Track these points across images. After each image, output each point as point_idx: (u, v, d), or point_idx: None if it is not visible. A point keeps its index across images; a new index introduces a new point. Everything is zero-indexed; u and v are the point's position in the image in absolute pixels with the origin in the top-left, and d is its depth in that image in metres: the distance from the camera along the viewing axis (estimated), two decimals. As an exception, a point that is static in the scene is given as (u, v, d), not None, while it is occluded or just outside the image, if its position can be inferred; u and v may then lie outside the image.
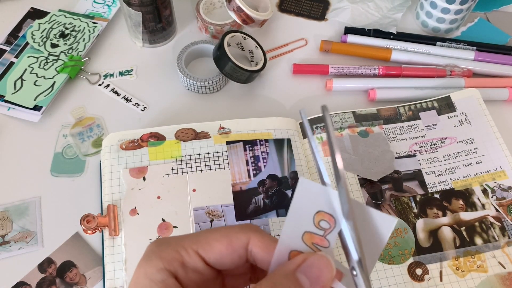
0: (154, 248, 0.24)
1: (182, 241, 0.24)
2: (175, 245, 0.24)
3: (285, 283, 0.22)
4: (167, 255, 0.23)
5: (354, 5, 0.61)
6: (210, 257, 0.24)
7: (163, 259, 0.23)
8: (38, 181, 0.47)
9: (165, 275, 0.23)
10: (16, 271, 0.42)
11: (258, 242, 0.24)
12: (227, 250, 0.24)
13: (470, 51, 0.56)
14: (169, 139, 0.47)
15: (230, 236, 0.25)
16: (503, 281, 0.41)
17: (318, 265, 0.23)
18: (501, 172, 0.47)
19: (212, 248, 0.24)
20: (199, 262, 0.24)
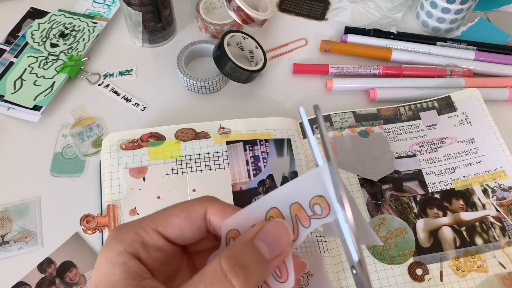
0: (114, 233, 0.24)
1: (140, 222, 0.24)
2: (133, 227, 0.24)
3: (244, 252, 0.22)
4: (126, 237, 0.24)
5: (354, 4, 0.61)
6: (170, 233, 0.24)
7: (123, 242, 0.23)
8: (37, 181, 0.47)
9: (126, 257, 0.23)
10: (16, 271, 0.42)
11: (215, 210, 0.25)
12: (186, 223, 0.24)
13: (470, 51, 0.56)
14: (169, 139, 0.47)
15: (187, 209, 0.25)
16: (504, 281, 0.41)
17: (275, 231, 0.23)
18: (502, 172, 0.47)
19: (171, 223, 0.24)
20: (159, 239, 0.24)
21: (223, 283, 0.21)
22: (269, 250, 0.23)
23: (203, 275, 0.22)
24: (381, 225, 0.43)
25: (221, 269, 0.21)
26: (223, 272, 0.21)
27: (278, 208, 0.24)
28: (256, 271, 0.22)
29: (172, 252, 0.25)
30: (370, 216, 0.44)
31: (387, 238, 0.43)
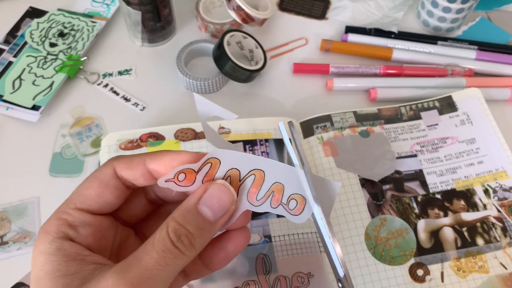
0: (40, 229, 0.24)
1: (59, 208, 0.25)
2: (54, 215, 0.25)
3: (188, 218, 0.23)
4: (51, 226, 0.24)
5: (355, 4, 0.61)
6: (91, 204, 0.25)
7: (50, 231, 0.24)
8: (36, 181, 0.47)
9: (58, 243, 0.23)
10: (15, 272, 0.42)
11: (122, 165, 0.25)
12: (100, 189, 0.25)
13: (471, 51, 0.56)
14: (168, 139, 0.47)
15: (96, 176, 0.25)
16: (505, 281, 0.41)
17: (217, 194, 0.24)
18: (503, 172, 0.46)
19: (87, 196, 0.25)
20: (83, 215, 0.25)
21: (173, 251, 0.23)
22: (212, 213, 0.24)
23: (154, 244, 0.23)
24: (382, 226, 0.43)
25: (169, 239, 0.23)
26: (171, 242, 0.23)
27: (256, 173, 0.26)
28: (201, 235, 0.24)
29: (103, 224, 0.25)
30: (371, 217, 0.44)
31: (388, 238, 0.43)
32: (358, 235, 0.43)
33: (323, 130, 0.49)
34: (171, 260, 0.22)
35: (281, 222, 0.43)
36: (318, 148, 0.47)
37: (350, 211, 0.44)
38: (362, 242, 0.42)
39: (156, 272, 0.22)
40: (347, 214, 0.44)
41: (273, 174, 0.26)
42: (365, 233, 0.43)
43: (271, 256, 0.41)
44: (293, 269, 0.41)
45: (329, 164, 0.46)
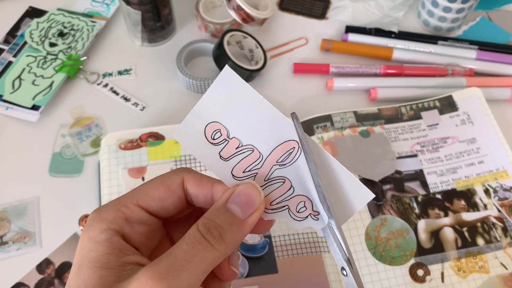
0: (94, 214, 0.24)
1: (120, 200, 0.25)
2: (114, 205, 0.25)
3: (216, 215, 0.24)
4: (108, 215, 0.24)
5: (355, 3, 0.61)
6: (151, 205, 0.25)
7: (105, 220, 0.24)
8: (36, 181, 0.47)
9: (109, 234, 0.23)
10: (15, 272, 0.42)
11: (191, 179, 0.26)
12: (165, 194, 0.25)
13: (471, 50, 0.56)
14: (168, 138, 0.47)
15: (165, 181, 0.26)
16: (505, 282, 0.40)
17: (245, 192, 0.25)
18: (503, 172, 0.46)
19: (151, 196, 0.25)
20: (142, 213, 0.25)
21: (202, 243, 0.23)
22: (242, 211, 0.24)
23: (184, 239, 0.23)
24: (382, 226, 0.43)
25: (199, 232, 0.23)
26: (201, 234, 0.23)
27: None
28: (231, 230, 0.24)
29: (155, 225, 0.26)
30: (371, 217, 0.44)
31: (388, 238, 0.42)
32: (359, 235, 0.43)
33: (323, 130, 0.49)
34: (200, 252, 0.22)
35: (281, 223, 0.43)
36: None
37: (350, 211, 0.44)
38: (362, 242, 0.42)
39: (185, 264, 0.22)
40: (347, 214, 0.43)
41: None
42: (366, 233, 0.43)
43: (271, 256, 0.41)
44: (293, 270, 0.41)
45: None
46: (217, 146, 0.26)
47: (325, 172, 0.26)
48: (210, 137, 0.26)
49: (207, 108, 0.25)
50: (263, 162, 0.26)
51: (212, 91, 0.25)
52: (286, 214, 0.26)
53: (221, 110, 0.25)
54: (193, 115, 0.26)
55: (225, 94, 0.25)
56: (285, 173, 0.26)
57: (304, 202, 0.26)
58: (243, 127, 0.25)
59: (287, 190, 0.26)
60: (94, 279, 0.22)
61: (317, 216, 0.26)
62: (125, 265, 0.23)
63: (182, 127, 0.26)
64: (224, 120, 0.25)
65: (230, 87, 0.25)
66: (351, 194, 0.26)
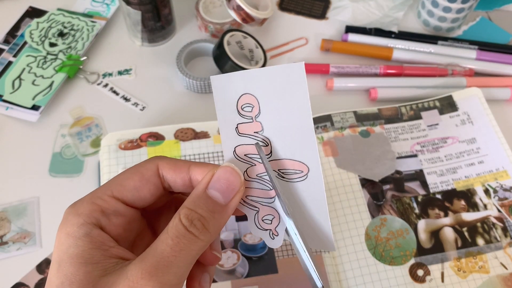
0: (70, 209, 0.24)
1: (95, 193, 0.25)
2: (89, 199, 0.24)
3: (198, 204, 0.23)
4: (84, 209, 0.24)
5: (355, 3, 0.61)
6: (127, 196, 0.25)
7: (81, 214, 0.23)
8: (36, 181, 0.47)
9: (88, 228, 0.23)
10: (14, 272, 0.42)
11: (166, 165, 0.25)
12: (140, 183, 0.25)
13: (472, 50, 0.56)
14: (168, 139, 0.47)
15: (139, 169, 0.25)
16: (505, 282, 0.40)
17: (224, 176, 0.24)
18: (503, 172, 0.46)
19: (126, 187, 0.25)
20: (118, 204, 0.24)
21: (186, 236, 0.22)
22: (223, 196, 0.24)
23: (168, 232, 0.23)
24: (382, 226, 0.43)
25: (182, 225, 0.23)
26: (184, 227, 0.23)
27: None
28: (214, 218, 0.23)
29: (132, 216, 0.25)
30: (371, 217, 0.44)
31: (388, 238, 0.42)
32: (358, 235, 0.43)
33: (323, 130, 0.49)
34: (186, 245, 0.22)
35: (281, 222, 0.43)
36: (319, 148, 0.47)
37: (350, 211, 0.44)
38: (362, 242, 0.42)
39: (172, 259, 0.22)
40: (347, 214, 0.43)
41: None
42: (366, 233, 0.43)
43: (271, 256, 0.41)
44: (293, 270, 0.41)
45: (329, 164, 0.46)
46: (241, 117, 0.25)
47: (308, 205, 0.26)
48: (241, 106, 0.25)
49: (258, 80, 0.24)
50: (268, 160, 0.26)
51: (273, 71, 0.24)
52: (252, 215, 0.26)
53: (268, 92, 0.24)
54: (242, 76, 0.24)
55: (281, 82, 0.24)
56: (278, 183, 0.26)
57: (272, 217, 0.26)
58: (274, 119, 0.25)
59: (268, 198, 0.26)
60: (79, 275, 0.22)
61: (275, 236, 0.26)
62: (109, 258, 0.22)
63: (224, 76, 0.25)
64: (263, 101, 0.25)
65: (291, 80, 0.24)
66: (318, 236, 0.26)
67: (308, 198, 0.25)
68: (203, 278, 0.26)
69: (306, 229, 0.26)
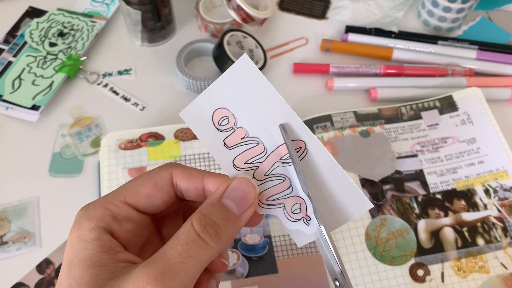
0: (82, 212, 0.24)
1: (108, 197, 0.25)
2: (101, 203, 0.24)
3: (212, 211, 0.23)
4: (96, 214, 0.24)
5: (355, 3, 0.61)
6: (139, 202, 0.25)
7: (93, 218, 0.23)
8: (36, 181, 0.47)
9: (98, 232, 0.23)
10: (14, 272, 0.42)
11: (180, 174, 0.25)
12: (154, 191, 0.25)
13: (472, 50, 0.56)
14: (168, 138, 0.47)
15: (153, 177, 0.25)
16: (505, 282, 0.40)
17: (240, 187, 0.24)
18: (503, 172, 0.46)
19: (139, 193, 0.25)
20: (130, 210, 0.25)
21: (197, 242, 0.22)
22: (237, 206, 0.24)
23: (179, 237, 0.22)
24: (382, 226, 0.43)
25: (194, 230, 0.23)
26: (196, 232, 0.22)
27: None
28: (227, 227, 0.23)
29: (143, 222, 0.26)
30: (371, 217, 0.44)
31: (388, 238, 0.42)
32: (359, 235, 0.42)
33: (324, 130, 0.48)
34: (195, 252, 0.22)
35: (281, 222, 0.43)
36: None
37: (350, 211, 0.44)
38: (362, 242, 0.42)
39: (180, 266, 0.21)
40: (347, 214, 0.43)
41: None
42: (366, 233, 0.43)
43: (271, 256, 0.41)
44: (293, 270, 0.41)
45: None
46: (223, 132, 0.25)
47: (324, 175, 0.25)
48: (217, 122, 0.25)
49: (218, 93, 0.25)
50: (267, 156, 0.26)
51: (226, 77, 0.25)
52: (281, 212, 0.26)
53: (233, 98, 0.25)
54: (204, 97, 0.25)
55: (239, 83, 0.25)
56: (286, 171, 0.26)
57: (300, 204, 0.26)
58: (252, 118, 0.25)
59: (286, 189, 0.26)
60: (86, 278, 0.22)
61: (308, 221, 0.25)
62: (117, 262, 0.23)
63: (190, 107, 0.25)
64: (234, 108, 0.25)
65: (245, 76, 0.24)
66: (349, 201, 0.25)
67: (320, 169, 0.25)
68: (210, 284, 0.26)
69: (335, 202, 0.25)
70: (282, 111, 0.25)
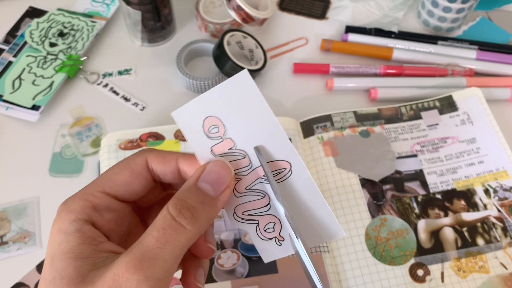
0: (62, 206, 0.24)
1: (86, 189, 0.25)
2: (81, 195, 0.24)
3: (188, 195, 0.23)
4: (76, 206, 0.24)
5: (355, 3, 0.61)
6: (118, 191, 0.25)
7: (73, 211, 0.24)
8: (36, 181, 0.47)
9: (79, 224, 0.23)
10: (15, 272, 0.42)
11: (154, 158, 0.26)
12: (131, 178, 0.25)
13: (471, 50, 0.56)
14: (168, 138, 0.47)
15: (129, 164, 0.26)
16: (505, 282, 0.40)
17: (215, 169, 0.24)
18: (503, 172, 0.46)
19: (116, 181, 0.25)
20: (109, 200, 0.25)
21: (174, 226, 0.22)
22: (213, 189, 0.24)
23: (155, 223, 0.22)
24: (382, 226, 0.43)
25: (170, 215, 0.22)
26: (172, 216, 0.22)
27: None
28: (203, 209, 0.23)
29: (124, 210, 0.26)
30: (371, 217, 0.44)
31: (388, 238, 0.43)
32: (359, 235, 0.43)
33: (323, 130, 0.49)
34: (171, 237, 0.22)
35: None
36: (318, 148, 0.47)
37: (350, 211, 0.44)
38: (362, 242, 0.42)
39: (158, 251, 0.21)
40: (347, 214, 0.43)
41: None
42: (366, 233, 0.43)
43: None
44: (293, 270, 0.41)
45: (329, 164, 0.46)
46: (211, 140, 0.26)
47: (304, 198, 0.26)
48: (207, 129, 0.26)
49: (212, 101, 0.25)
50: (251, 171, 0.26)
51: (223, 87, 0.25)
52: (253, 229, 0.26)
53: (226, 108, 0.25)
54: (198, 102, 0.25)
55: (234, 95, 0.25)
56: (267, 189, 0.26)
57: (274, 224, 0.26)
58: (242, 131, 0.25)
59: (263, 206, 0.26)
60: (69, 270, 0.22)
61: (281, 241, 0.26)
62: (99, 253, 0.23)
63: (183, 109, 0.25)
64: (225, 118, 0.25)
65: (242, 90, 0.25)
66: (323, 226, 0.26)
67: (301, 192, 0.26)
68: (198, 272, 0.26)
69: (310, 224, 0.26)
70: (273, 129, 0.25)
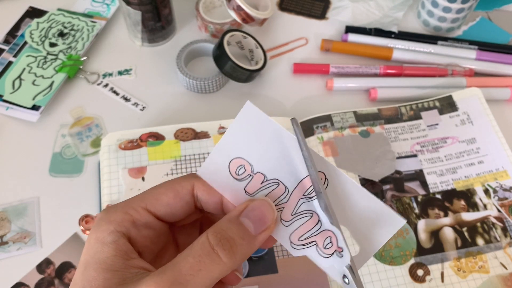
0: (103, 215, 0.24)
1: (129, 202, 0.25)
2: (123, 208, 0.25)
3: (229, 227, 0.23)
4: (116, 217, 0.24)
5: (355, 4, 0.61)
6: (159, 210, 0.25)
7: (113, 222, 0.24)
8: (36, 181, 0.47)
9: (116, 236, 0.23)
10: (15, 272, 0.42)
11: (201, 186, 0.26)
12: (174, 200, 0.25)
13: (471, 50, 0.56)
14: (168, 139, 0.47)
15: (175, 186, 0.26)
16: (505, 282, 0.41)
17: (259, 208, 0.24)
18: (503, 172, 0.46)
19: (160, 201, 0.25)
20: (149, 217, 0.25)
21: (210, 255, 0.22)
22: (254, 226, 0.24)
23: (192, 249, 0.22)
24: (382, 226, 0.43)
25: (209, 242, 0.22)
26: (210, 245, 0.22)
27: None
28: (241, 245, 0.23)
29: (161, 229, 0.26)
30: (371, 217, 0.44)
31: (388, 238, 0.43)
32: (358, 235, 0.43)
33: (323, 130, 0.49)
34: (206, 266, 0.22)
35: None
36: (318, 148, 0.47)
37: (350, 211, 0.44)
38: (362, 242, 0.42)
39: (189, 278, 0.21)
40: (347, 214, 0.43)
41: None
42: (365, 233, 0.43)
43: (271, 256, 0.41)
44: (293, 270, 0.41)
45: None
46: (242, 181, 0.25)
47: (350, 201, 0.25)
48: (235, 173, 0.25)
49: (229, 144, 0.25)
50: (290, 195, 0.25)
51: (234, 127, 0.25)
52: (314, 251, 0.25)
53: (244, 146, 0.25)
54: (216, 152, 0.25)
55: (247, 129, 0.25)
56: (312, 206, 0.25)
57: (330, 238, 0.25)
58: (267, 161, 0.25)
59: (315, 225, 0.25)
60: (98, 281, 0.22)
61: (341, 252, 0.25)
62: (129, 268, 0.23)
63: (206, 164, 0.26)
64: (247, 155, 0.25)
65: (252, 122, 0.25)
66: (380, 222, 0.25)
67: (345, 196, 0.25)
68: None
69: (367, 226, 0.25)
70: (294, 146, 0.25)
